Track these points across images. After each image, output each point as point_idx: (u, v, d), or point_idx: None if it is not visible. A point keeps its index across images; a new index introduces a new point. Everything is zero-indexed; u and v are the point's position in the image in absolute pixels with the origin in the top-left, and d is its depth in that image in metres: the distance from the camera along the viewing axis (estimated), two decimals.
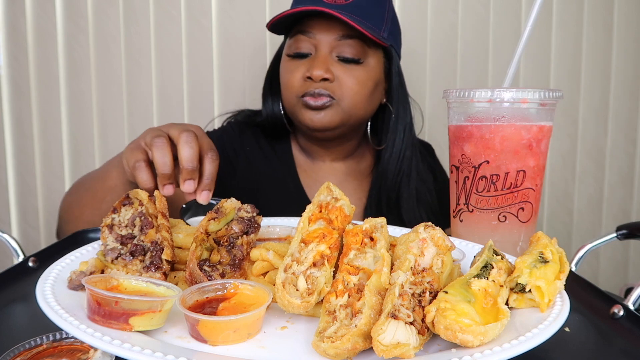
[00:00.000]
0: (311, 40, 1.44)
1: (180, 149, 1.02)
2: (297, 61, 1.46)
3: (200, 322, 0.67)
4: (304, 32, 1.45)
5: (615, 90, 2.40)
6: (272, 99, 1.58)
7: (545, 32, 2.31)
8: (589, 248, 1.16)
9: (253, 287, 0.76)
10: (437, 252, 0.75)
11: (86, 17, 2.02)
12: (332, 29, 1.42)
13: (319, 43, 1.43)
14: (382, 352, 0.62)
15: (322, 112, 1.43)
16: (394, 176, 1.54)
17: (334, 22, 1.41)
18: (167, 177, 1.02)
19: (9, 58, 2.01)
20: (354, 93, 1.43)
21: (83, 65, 2.04)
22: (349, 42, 1.42)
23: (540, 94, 1.00)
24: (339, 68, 1.42)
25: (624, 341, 0.78)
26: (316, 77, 1.40)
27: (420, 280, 0.71)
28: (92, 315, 0.67)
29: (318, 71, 1.39)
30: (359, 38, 1.42)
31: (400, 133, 1.54)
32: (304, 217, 0.82)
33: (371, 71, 1.47)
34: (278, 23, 1.45)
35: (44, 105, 2.04)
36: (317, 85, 1.41)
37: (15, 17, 1.99)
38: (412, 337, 0.64)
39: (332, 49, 1.43)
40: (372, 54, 1.47)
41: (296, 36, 1.46)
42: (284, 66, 1.50)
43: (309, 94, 1.41)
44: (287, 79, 1.47)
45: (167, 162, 1.02)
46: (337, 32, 1.42)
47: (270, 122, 1.59)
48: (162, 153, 1.02)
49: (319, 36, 1.43)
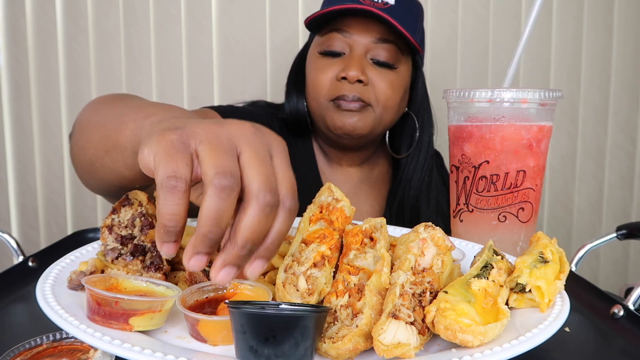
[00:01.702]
0: (347, 40, 1.39)
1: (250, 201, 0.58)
2: (328, 59, 1.41)
3: (200, 322, 0.67)
4: (339, 31, 1.39)
5: (615, 90, 2.40)
6: (297, 96, 1.51)
7: (545, 32, 2.31)
8: (589, 248, 1.16)
9: (253, 287, 0.76)
10: (437, 252, 0.75)
11: (86, 17, 2.02)
12: (369, 30, 1.38)
13: (354, 43, 1.39)
14: (383, 351, 0.62)
15: (355, 116, 1.38)
16: (418, 185, 1.53)
17: (372, 23, 1.37)
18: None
19: (9, 58, 2.01)
20: (387, 98, 1.39)
21: (83, 65, 2.04)
22: (385, 45, 1.38)
23: (540, 94, 1.00)
24: (373, 71, 1.38)
25: (624, 341, 0.78)
26: (352, 77, 1.35)
27: (420, 280, 0.72)
28: (92, 315, 0.67)
29: (354, 72, 1.34)
30: (394, 43, 1.39)
31: (425, 143, 1.53)
32: (304, 218, 0.82)
33: (402, 78, 1.44)
34: (314, 20, 1.40)
35: (44, 105, 2.04)
36: (351, 88, 1.36)
37: (15, 17, 1.99)
38: (413, 337, 0.64)
39: (367, 51, 1.39)
40: (404, 61, 1.44)
41: (330, 34, 1.41)
42: (313, 63, 1.44)
43: (342, 98, 1.36)
44: (318, 77, 1.41)
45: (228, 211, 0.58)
46: (375, 34, 1.38)
47: (292, 119, 1.52)
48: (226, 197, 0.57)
49: (356, 37, 1.38)
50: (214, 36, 2.08)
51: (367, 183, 1.62)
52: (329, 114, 1.41)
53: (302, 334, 0.59)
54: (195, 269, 0.59)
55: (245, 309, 0.60)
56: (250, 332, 0.59)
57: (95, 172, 0.97)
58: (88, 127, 1.01)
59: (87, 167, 1.00)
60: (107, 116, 0.96)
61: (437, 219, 1.56)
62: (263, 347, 0.59)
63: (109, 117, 0.95)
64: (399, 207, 1.55)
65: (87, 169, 1.00)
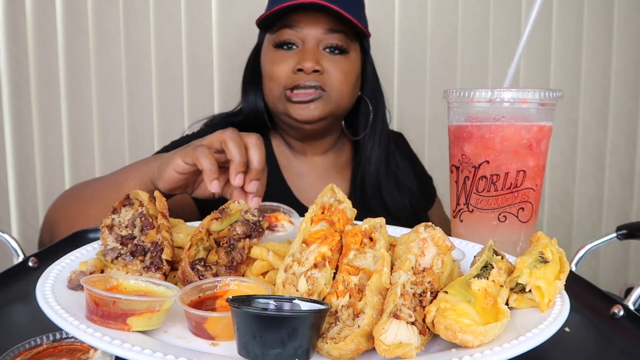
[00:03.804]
0: (298, 34, 1.46)
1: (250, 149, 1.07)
2: (283, 52, 1.47)
3: (208, 319, 0.67)
4: (290, 27, 1.46)
5: (615, 90, 2.41)
6: (254, 92, 1.58)
7: (545, 32, 2.31)
8: (589, 248, 1.16)
9: (251, 284, 0.76)
10: (437, 252, 0.75)
11: (86, 17, 2.02)
12: (319, 22, 1.45)
13: (306, 37, 1.45)
14: (385, 351, 0.62)
15: (312, 105, 1.44)
16: (376, 162, 1.60)
17: (320, 15, 1.44)
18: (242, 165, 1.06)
19: (9, 58, 2.01)
20: (341, 84, 1.47)
21: (83, 65, 2.04)
22: (335, 35, 1.46)
23: (540, 94, 1.00)
24: (327, 60, 1.45)
25: (624, 341, 0.78)
26: (308, 68, 1.41)
27: (421, 280, 0.72)
28: (91, 315, 0.67)
29: (309, 63, 1.41)
30: (343, 32, 1.47)
31: (379, 123, 1.60)
32: (306, 218, 0.82)
33: (354, 64, 1.52)
34: (265, 19, 1.46)
35: (44, 105, 2.04)
36: (308, 78, 1.42)
37: (15, 17, 1.99)
38: (414, 337, 0.64)
39: (319, 42, 1.46)
40: (354, 48, 1.52)
41: (282, 30, 1.46)
42: (269, 57, 1.50)
43: (301, 86, 1.42)
44: (274, 69, 1.46)
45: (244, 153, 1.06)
46: (324, 25, 1.45)
47: (251, 118, 1.59)
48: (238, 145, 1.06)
49: (306, 30, 1.45)
50: (214, 36, 2.08)
51: (335, 169, 1.66)
52: (285, 104, 1.46)
53: (289, 334, 0.60)
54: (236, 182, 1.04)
55: (234, 306, 0.61)
56: (241, 329, 0.61)
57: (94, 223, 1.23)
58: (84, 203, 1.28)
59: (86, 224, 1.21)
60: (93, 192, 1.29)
61: (399, 194, 1.63)
62: (253, 344, 0.60)
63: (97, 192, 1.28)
64: (361, 185, 1.61)
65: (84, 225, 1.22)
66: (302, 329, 0.60)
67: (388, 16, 2.22)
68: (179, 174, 1.10)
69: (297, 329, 0.60)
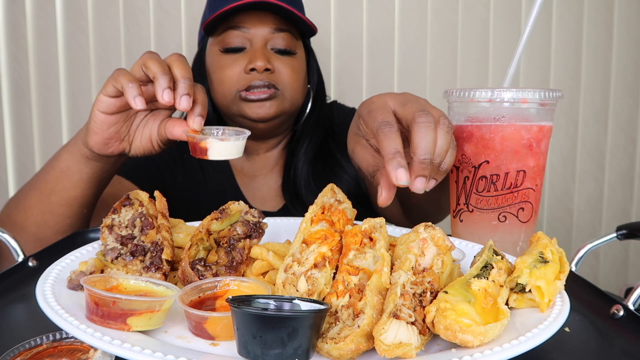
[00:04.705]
0: (245, 35, 1.45)
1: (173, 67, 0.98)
2: (231, 56, 1.46)
3: (208, 319, 0.67)
4: (236, 28, 1.45)
5: (615, 90, 2.41)
6: None
7: (545, 32, 2.31)
8: (589, 248, 1.15)
9: (251, 284, 0.76)
10: (437, 252, 0.75)
11: (86, 17, 2.02)
12: (265, 22, 1.45)
13: (253, 37, 1.45)
14: (385, 351, 0.62)
15: (267, 103, 1.44)
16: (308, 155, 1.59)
17: (266, 15, 1.45)
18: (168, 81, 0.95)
19: (9, 58, 2.01)
20: (293, 81, 1.48)
21: (83, 65, 2.04)
22: (281, 34, 1.47)
23: (540, 94, 1.00)
24: (277, 60, 1.46)
25: (624, 341, 0.78)
26: (260, 67, 1.41)
27: (421, 280, 0.72)
28: (91, 315, 0.67)
29: (261, 62, 1.41)
30: (289, 31, 1.48)
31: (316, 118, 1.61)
32: (306, 218, 0.82)
33: (302, 62, 1.54)
34: (210, 23, 1.45)
35: (44, 105, 2.04)
36: (261, 76, 1.42)
37: (15, 17, 1.99)
38: (414, 337, 0.64)
39: (266, 41, 1.46)
40: (299, 46, 1.54)
41: (227, 32, 1.46)
42: (216, 62, 1.49)
43: (254, 85, 1.42)
44: (224, 74, 1.46)
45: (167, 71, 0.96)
46: (270, 24, 1.45)
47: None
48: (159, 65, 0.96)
49: (253, 30, 1.45)
50: None
51: (280, 164, 1.66)
52: (241, 105, 1.46)
53: (288, 334, 0.60)
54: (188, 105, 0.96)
55: (233, 306, 0.61)
56: (241, 329, 0.61)
57: (45, 224, 1.19)
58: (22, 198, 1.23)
59: (35, 226, 1.19)
60: (33, 181, 1.23)
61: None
62: (252, 345, 0.60)
63: (35, 180, 1.22)
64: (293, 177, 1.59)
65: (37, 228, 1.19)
66: (302, 329, 0.60)
67: (388, 16, 2.22)
68: (106, 115, 1.03)
69: (297, 329, 0.60)
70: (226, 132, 1.01)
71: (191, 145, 0.97)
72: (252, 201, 1.60)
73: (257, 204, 1.60)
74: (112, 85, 0.99)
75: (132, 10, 2.03)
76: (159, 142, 1.08)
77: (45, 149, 2.05)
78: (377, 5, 2.19)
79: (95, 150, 1.08)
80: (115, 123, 1.05)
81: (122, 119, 1.06)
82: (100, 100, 1.02)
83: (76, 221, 1.20)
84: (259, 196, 1.61)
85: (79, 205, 1.18)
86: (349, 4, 2.19)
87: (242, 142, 0.98)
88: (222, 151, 0.95)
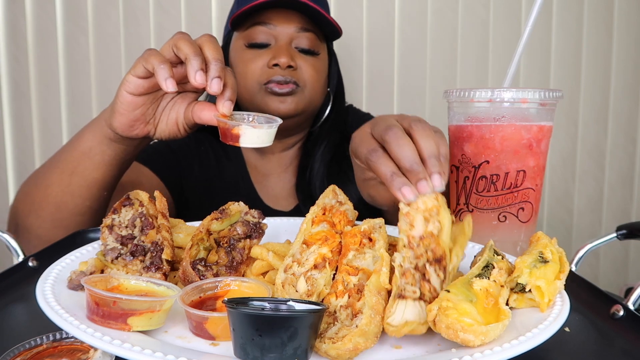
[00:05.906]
0: (270, 32, 1.47)
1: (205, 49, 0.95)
2: (255, 51, 1.47)
3: (209, 320, 0.67)
4: (262, 24, 1.46)
5: (615, 90, 2.41)
6: None
7: (545, 32, 2.31)
8: (589, 248, 1.16)
9: (252, 284, 0.76)
10: (427, 217, 0.72)
11: (86, 17, 2.02)
12: (291, 20, 1.46)
13: (279, 34, 1.47)
14: (393, 332, 0.63)
15: (288, 99, 1.45)
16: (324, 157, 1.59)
17: (293, 13, 1.46)
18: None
19: (9, 58, 2.01)
20: (314, 81, 1.49)
21: (83, 65, 2.04)
22: (306, 34, 1.48)
23: (540, 94, 1.00)
24: (300, 59, 1.47)
25: (624, 341, 0.78)
26: (283, 63, 1.42)
27: (421, 254, 0.70)
28: (91, 315, 0.67)
29: (285, 58, 1.42)
30: (314, 32, 1.49)
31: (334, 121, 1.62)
32: (307, 219, 0.82)
33: (324, 63, 1.55)
34: (237, 17, 1.46)
35: (44, 105, 2.04)
36: (284, 72, 1.44)
37: (15, 17, 1.99)
38: (422, 312, 0.64)
39: (291, 40, 1.47)
40: (323, 48, 1.54)
41: (253, 28, 1.47)
42: (241, 56, 1.50)
43: (275, 80, 1.43)
44: (247, 67, 1.47)
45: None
46: (296, 24, 1.47)
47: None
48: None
49: (279, 27, 1.46)
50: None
51: (295, 164, 1.65)
52: (263, 99, 1.46)
53: (288, 334, 0.59)
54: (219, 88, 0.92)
55: (231, 307, 0.61)
56: (239, 330, 0.60)
57: (65, 205, 1.16)
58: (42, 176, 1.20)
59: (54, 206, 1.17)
60: (54, 160, 1.19)
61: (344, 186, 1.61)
62: (251, 346, 0.60)
63: (56, 159, 1.18)
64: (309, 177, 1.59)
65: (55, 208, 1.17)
66: (302, 329, 0.60)
67: (388, 16, 2.22)
68: (133, 96, 1.00)
69: (297, 329, 0.60)
70: (256, 119, 0.98)
71: (222, 130, 0.94)
72: (265, 199, 1.60)
73: (270, 203, 1.60)
74: (142, 66, 0.96)
75: (132, 10, 2.03)
76: (184, 126, 1.05)
77: (45, 149, 2.05)
78: (377, 5, 2.19)
79: (119, 131, 1.05)
80: (142, 105, 1.02)
81: (150, 100, 1.02)
82: (128, 80, 0.99)
83: (95, 203, 1.17)
84: (272, 195, 1.61)
85: (98, 187, 1.15)
86: (349, 4, 2.19)
87: (274, 130, 0.95)
88: (254, 138, 0.93)
